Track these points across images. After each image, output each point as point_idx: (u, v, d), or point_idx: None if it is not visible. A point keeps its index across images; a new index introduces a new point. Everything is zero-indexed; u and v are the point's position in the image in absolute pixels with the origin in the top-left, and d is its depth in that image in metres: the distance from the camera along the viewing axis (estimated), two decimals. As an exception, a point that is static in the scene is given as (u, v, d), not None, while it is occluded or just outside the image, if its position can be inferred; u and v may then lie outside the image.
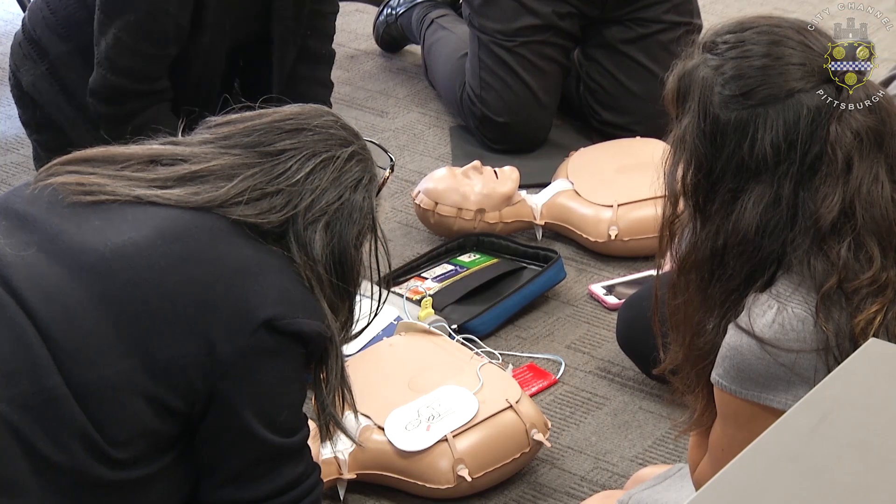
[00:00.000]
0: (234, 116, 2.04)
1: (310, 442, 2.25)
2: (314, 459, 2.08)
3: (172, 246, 1.90)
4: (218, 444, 1.94)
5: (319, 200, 1.97)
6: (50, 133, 3.04)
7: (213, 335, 1.88)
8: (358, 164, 2.02)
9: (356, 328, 2.10)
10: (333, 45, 3.23)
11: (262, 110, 2.04)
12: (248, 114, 2.04)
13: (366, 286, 2.09)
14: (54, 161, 2.04)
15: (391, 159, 2.17)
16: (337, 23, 3.25)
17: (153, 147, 2.03)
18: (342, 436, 2.45)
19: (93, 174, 1.98)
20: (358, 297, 2.06)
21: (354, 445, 2.43)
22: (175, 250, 1.90)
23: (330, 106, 3.20)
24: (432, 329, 2.72)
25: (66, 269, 1.88)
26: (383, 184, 2.11)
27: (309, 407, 2.15)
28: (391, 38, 4.06)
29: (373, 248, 2.05)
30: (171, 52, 2.88)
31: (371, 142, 2.11)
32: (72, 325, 1.86)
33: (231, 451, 1.95)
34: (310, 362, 1.99)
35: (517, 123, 3.53)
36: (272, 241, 1.96)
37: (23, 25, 3.06)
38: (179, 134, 2.07)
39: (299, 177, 1.97)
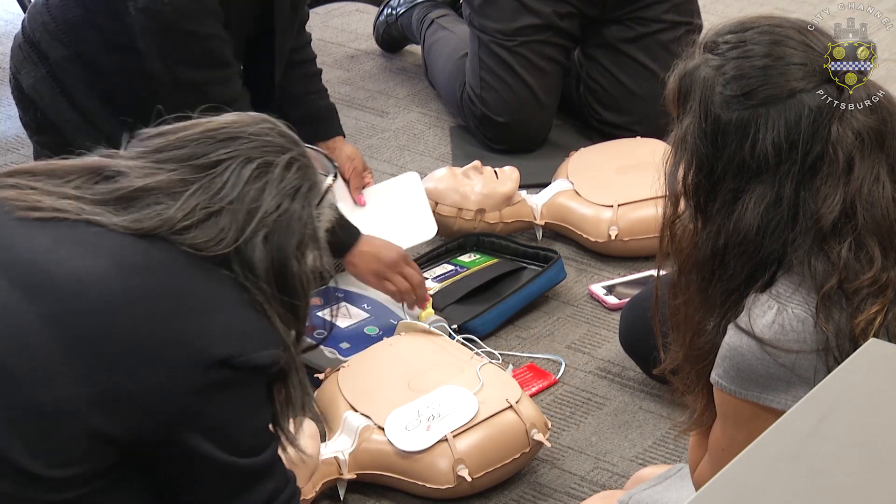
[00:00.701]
0: (166, 128, 1.96)
1: (310, 441, 2.25)
2: (317, 457, 2.04)
3: (129, 280, 1.83)
4: (181, 470, 1.88)
5: (258, 212, 1.89)
6: (50, 135, 3.04)
7: (169, 371, 1.81)
8: (297, 172, 1.93)
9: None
10: (333, 45, 3.23)
11: (195, 120, 1.96)
12: (180, 124, 1.96)
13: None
14: None
15: (334, 167, 2.08)
16: (337, 23, 3.27)
17: (93, 159, 1.95)
18: (342, 435, 2.46)
19: (33, 190, 1.90)
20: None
21: (354, 445, 2.44)
22: (132, 284, 1.83)
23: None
24: (432, 329, 2.72)
25: (14, 284, 1.81)
26: (326, 192, 2.01)
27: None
28: (391, 38, 4.06)
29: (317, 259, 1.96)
30: (235, 68, 2.92)
31: (312, 148, 2.03)
32: (19, 343, 1.79)
33: (195, 476, 1.89)
34: (270, 385, 1.93)
35: (517, 123, 3.53)
36: (220, 263, 1.88)
37: (23, 28, 3.05)
38: (123, 147, 1.97)
39: (238, 190, 1.89)
